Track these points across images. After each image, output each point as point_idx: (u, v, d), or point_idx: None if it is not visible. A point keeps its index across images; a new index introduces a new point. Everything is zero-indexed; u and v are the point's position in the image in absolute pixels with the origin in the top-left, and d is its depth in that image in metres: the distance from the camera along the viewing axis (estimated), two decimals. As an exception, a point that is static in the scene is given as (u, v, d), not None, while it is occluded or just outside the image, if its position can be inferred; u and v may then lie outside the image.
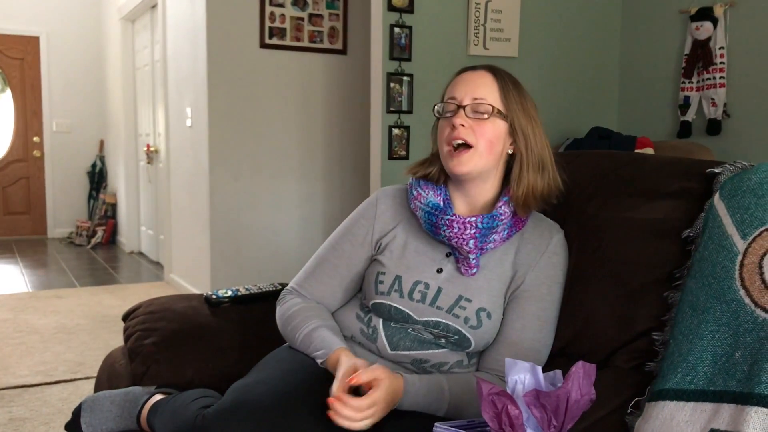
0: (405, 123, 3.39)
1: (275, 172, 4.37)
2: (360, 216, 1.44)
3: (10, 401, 2.89)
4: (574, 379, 0.96)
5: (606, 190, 1.38)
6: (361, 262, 1.41)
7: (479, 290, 1.30)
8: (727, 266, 1.03)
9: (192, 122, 4.53)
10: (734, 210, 1.07)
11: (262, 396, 1.17)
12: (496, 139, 1.29)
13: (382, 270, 1.35)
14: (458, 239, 1.27)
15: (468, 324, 1.28)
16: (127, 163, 6.87)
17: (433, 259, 1.34)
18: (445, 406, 1.23)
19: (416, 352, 1.31)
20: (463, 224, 1.27)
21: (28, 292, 5.01)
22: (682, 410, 1.00)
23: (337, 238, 1.44)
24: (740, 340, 0.98)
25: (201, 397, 1.30)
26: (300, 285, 1.45)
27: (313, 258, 1.47)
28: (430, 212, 1.31)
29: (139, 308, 1.73)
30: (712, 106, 3.41)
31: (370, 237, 1.40)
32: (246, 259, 4.33)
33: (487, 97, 1.29)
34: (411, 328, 1.32)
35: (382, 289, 1.33)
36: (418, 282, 1.32)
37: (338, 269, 1.41)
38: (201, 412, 1.17)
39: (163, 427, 1.26)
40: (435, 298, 1.30)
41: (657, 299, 1.18)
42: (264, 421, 1.11)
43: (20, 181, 7.76)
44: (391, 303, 1.32)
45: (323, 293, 1.42)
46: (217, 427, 1.11)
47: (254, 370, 1.34)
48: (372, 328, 1.35)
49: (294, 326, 1.37)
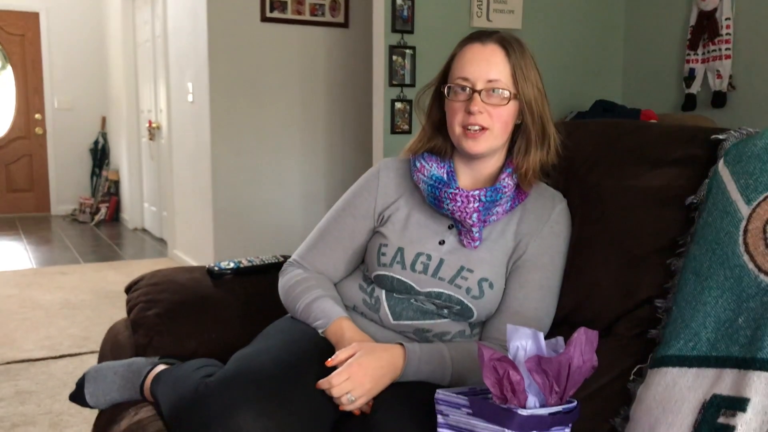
0: (407, 97, 3.37)
1: (277, 147, 4.36)
2: (362, 188, 1.43)
3: (16, 375, 2.92)
4: (576, 345, 0.96)
5: (609, 159, 1.36)
6: (364, 235, 1.40)
7: (481, 261, 1.30)
8: (731, 232, 1.02)
9: (193, 98, 4.51)
10: (739, 176, 1.06)
11: (264, 365, 1.17)
12: (510, 119, 1.28)
13: (384, 242, 1.35)
14: (461, 213, 1.27)
15: (470, 294, 1.28)
16: (129, 140, 6.86)
17: (435, 231, 1.34)
18: (448, 375, 1.23)
19: (418, 322, 1.32)
20: (466, 198, 1.26)
21: (33, 269, 5.03)
22: (685, 376, 1.00)
23: (339, 210, 1.44)
24: (743, 306, 0.97)
25: (203, 366, 1.30)
26: (302, 257, 1.44)
27: (315, 230, 1.46)
28: (433, 185, 1.30)
29: (141, 280, 1.73)
30: (717, 78, 3.38)
31: (372, 209, 1.40)
32: (249, 234, 4.33)
33: (500, 78, 1.26)
34: (413, 299, 1.32)
35: (384, 261, 1.33)
36: (420, 254, 1.31)
37: (340, 241, 1.41)
38: (203, 381, 1.17)
39: (166, 395, 1.26)
40: (437, 269, 1.30)
41: (660, 267, 1.18)
42: (266, 390, 1.11)
43: (23, 158, 7.75)
44: (394, 274, 1.32)
45: (326, 265, 1.42)
46: (219, 395, 1.11)
47: (256, 340, 1.34)
48: (375, 298, 1.35)
49: (295, 296, 1.37)
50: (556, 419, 0.97)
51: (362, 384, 1.14)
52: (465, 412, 0.99)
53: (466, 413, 0.99)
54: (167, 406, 1.23)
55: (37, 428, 2.40)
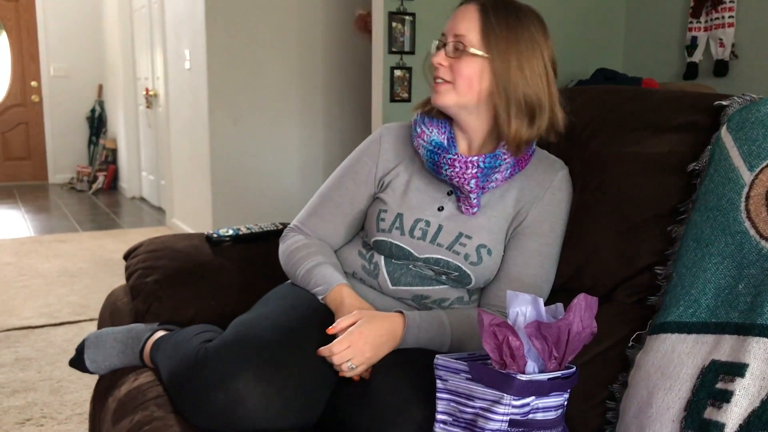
0: (407, 64, 3.33)
1: (276, 114, 4.33)
2: (362, 153, 1.42)
3: (15, 342, 2.93)
4: (576, 311, 0.96)
5: (610, 126, 1.35)
6: (364, 200, 1.40)
7: (479, 228, 1.29)
8: (733, 198, 1.02)
9: (190, 65, 4.47)
10: (742, 142, 1.05)
11: (263, 331, 1.17)
12: (475, 77, 1.24)
13: (383, 208, 1.35)
14: (460, 179, 1.26)
15: (468, 260, 1.28)
16: (127, 108, 6.81)
17: (434, 197, 1.34)
18: (447, 341, 1.23)
19: (417, 287, 1.32)
20: (464, 164, 1.25)
21: (31, 237, 5.03)
22: (684, 342, 1.00)
23: (339, 175, 1.43)
24: (744, 272, 0.97)
25: (203, 332, 1.31)
26: (303, 223, 1.44)
27: (315, 196, 1.46)
28: (432, 151, 1.29)
29: (140, 247, 1.73)
30: (719, 47, 3.35)
31: (373, 175, 1.39)
32: (247, 202, 4.33)
33: (467, 33, 1.24)
34: (412, 265, 1.32)
35: (383, 226, 1.33)
36: (419, 220, 1.31)
37: (341, 207, 1.40)
38: (203, 346, 1.17)
39: (166, 361, 1.27)
40: (435, 235, 1.30)
41: (660, 234, 1.17)
42: (265, 356, 1.12)
43: (19, 126, 7.71)
44: (392, 240, 1.32)
45: (326, 231, 1.42)
46: (218, 360, 1.11)
47: (256, 307, 1.35)
48: (374, 264, 1.35)
49: (295, 262, 1.37)
50: (555, 384, 0.97)
51: (363, 352, 1.15)
52: (464, 378, 0.99)
53: (465, 378, 0.99)
54: (167, 371, 1.24)
55: (38, 394, 2.42)
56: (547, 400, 0.98)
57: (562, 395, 1.01)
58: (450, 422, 1.01)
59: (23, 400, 2.37)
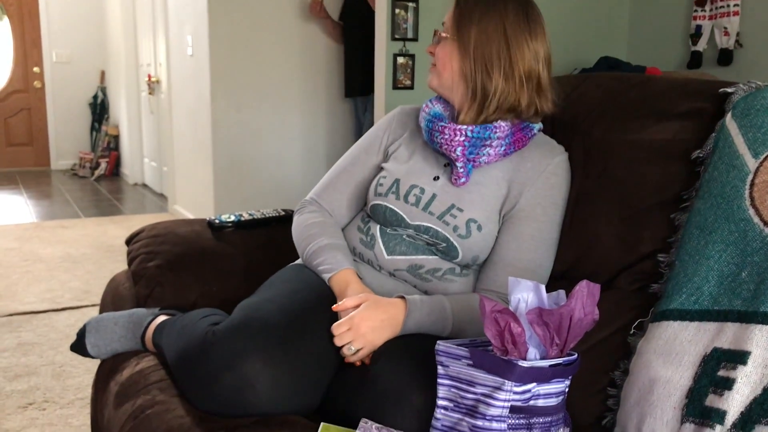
0: (410, 51, 3.32)
1: (278, 101, 4.32)
2: (377, 127, 1.52)
3: (18, 326, 2.94)
4: (578, 298, 0.96)
5: (614, 112, 1.34)
6: (370, 170, 1.48)
7: (472, 202, 1.32)
8: (737, 186, 1.01)
9: (193, 51, 4.45)
10: (746, 129, 1.04)
11: (270, 314, 1.18)
12: (448, 60, 1.34)
13: (384, 174, 1.42)
14: (447, 146, 1.31)
15: (456, 233, 1.30)
16: (129, 94, 6.80)
17: (432, 167, 1.39)
18: (449, 326, 1.24)
19: (411, 257, 1.34)
20: (453, 131, 1.30)
21: (34, 223, 5.04)
22: (686, 330, 1.00)
23: (355, 148, 1.52)
24: (747, 260, 0.96)
25: (209, 315, 1.31)
26: (318, 195, 1.50)
27: (332, 168, 1.54)
28: (430, 120, 1.36)
29: (142, 232, 1.73)
30: (724, 36, 3.33)
31: (380, 145, 1.49)
32: (249, 189, 4.32)
33: (446, 21, 1.36)
34: (405, 234, 1.36)
35: (380, 190, 1.39)
36: (415, 186, 1.36)
37: (353, 176, 1.48)
38: (210, 329, 1.17)
39: (171, 344, 1.26)
40: (428, 203, 1.34)
41: (663, 221, 1.17)
42: (273, 338, 1.12)
43: (21, 112, 7.70)
44: (387, 204, 1.36)
45: (339, 202, 1.47)
46: (226, 343, 1.11)
47: (261, 290, 1.35)
48: (370, 236, 1.39)
49: (308, 236, 1.41)
50: (556, 371, 0.97)
51: (363, 335, 1.16)
52: (465, 364, 0.99)
53: (466, 364, 0.99)
54: (173, 353, 1.24)
55: (40, 378, 2.42)
56: (548, 386, 0.98)
57: (563, 382, 1.01)
58: (451, 408, 1.01)
59: (25, 384, 2.38)
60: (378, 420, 1.05)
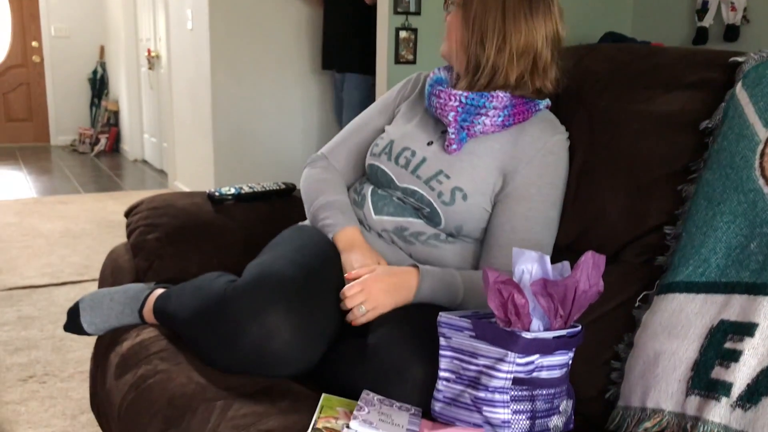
0: (413, 25, 3.28)
1: (278, 75, 4.28)
2: (393, 89, 1.55)
3: (18, 300, 2.93)
4: (583, 269, 0.94)
5: (621, 83, 1.32)
6: (376, 130, 1.50)
7: (461, 171, 1.31)
8: (747, 156, 0.99)
9: (192, 25, 4.41)
10: (757, 98, 1.02)
11: (284, 268, 1.20)
12: (452, 28, 1.34)
13: (382, 135, 1.45)
14: (441, 110, 1.31)
15: (440, 199, 1.30)
16: (128, 69, 6.75)
17: (428, 132, 1.39)
18: (460, 296, 1.25)
19: (397, 218, 1.36)
20: (448, 95, 1.31)
21: (33, 198, 5.02)
22: (692, 302, 0.98)
23: (370, 108, 1.56)
24: (756, 231, 0.95)
25: (221, 276, 1.30)
26: (329, 151, 1.54)
27: (347, 126, 1.57)
28: (431, 85, 1.37)
29: (141, 204, 1.71)
30: (731, 11, 3.29)
31: (392, 108, 1.51)
32: (250, 165, 4.30)
33: None
34: (394, 196, 1.37)
35: (375, 150, 1.42)
36: (407, 148, 1.37)
37: (362, 136, 1.51)
38: (229, 285, 1.18)
39: (185, 304, 1.25)
40: (417, 166, 1.34)
41: (671, 193, 1.15)
42: (290, 290, 1.14)
43: (20, 87, 7.65)
44: (379, 164, 1.39)
45: (347, 161, 1.52)
46: (247, 297, 1.12)
47: (265, 251, 1.36)
48: (362, 195, 1.42)
49: (317, 189, 1.45)
50: (559, 343, 0.96)
51: (375, 297, 1.19)
52: (468, 335, 0.98)
53: (468, 336, 0.98)
54: (188, 313, 1.23)
55: (41, 352, 2.42)
56: (551, 358, 0.97)
57: (566, 354, 1.00)
58: (453, 379, 1.00)
59: (26, 357, 2.38)
60: (380, 393, 1.04)
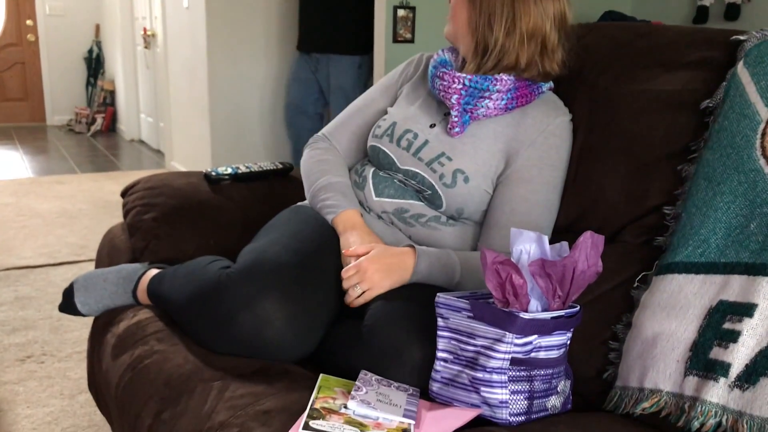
0: (411, 3, 3.25)
1: (276, 54, 4.25)
2: (396, 70, 1.53)
3: (15, 281, 2.93)
4: (582, 249, 0.94)
5: (621, 62, 1.31)
6: (378, 112, 1.49)
7: (463, 153, 1.30)
8: (748, 135, 0.98)
9: (188, 3, 4.36)
10: (759, 77, 1.01)
11: (279, 254, 1.19)
12: (458, 9, 1.32)
13: (384, 117, 1.44)
14: (445, 93, 1.30)
15: (442, 181, 1.29)
16: (124, 49, 6.69)
17: (431, 115, 1.38)
18: (457, 276, 1.24)
19: (398, 200, 1.35)
20: (452, 78, 1.29)
21: (30, 178, 5.00)
22: (691, 282, 0.98)
23: (372, 89, 1.54)
24: (757, 211, 0.94)
25: (215, 260, 1.29)
26: (330, 132, 1.53)
27: (349, 106, 1.55)
28: (434, 66, 1.35)
29: (137, 184, 1.70)
30: (732, -11, 3.26)
31: (395, 89, 1.50)
32: (247, 145, 4.28)
33: None
34: (395, 178, 1.37)
35: (377, 132, 1.41)
36: (409, 131, 1.36)
37: (364, 117, 1.50)
38: (223, 272, 1.17)
39: (179, 288, 1.24)
40: (419, 149, 1.33)
41: (671, 173, 1.14)
42: (286, 277, 1.14)
43: (15, 66, 7.59)
44: (381, 146, 1.38)
45: (349, 142, 1.50)
46: (242, 284, 1.12)
47: (260, 235, 1.36)
48: (363, 177, 1.41)
49: (319, 170, 1.44)
50: (558, 324, 0.96)
51: (370, 277, 1.19)
52: (465, 316, 0.98)
53: (466, 317, 0.98)
54: (182, 297, 1.22)
55: (38, 332, 2.42)
56: (549, 339, 0.97)
57: (564, 334, 0.99)
58: (451, 360, 1.00)
59: (23, 337, 2.38)
60: (378, 374, 1.04)
